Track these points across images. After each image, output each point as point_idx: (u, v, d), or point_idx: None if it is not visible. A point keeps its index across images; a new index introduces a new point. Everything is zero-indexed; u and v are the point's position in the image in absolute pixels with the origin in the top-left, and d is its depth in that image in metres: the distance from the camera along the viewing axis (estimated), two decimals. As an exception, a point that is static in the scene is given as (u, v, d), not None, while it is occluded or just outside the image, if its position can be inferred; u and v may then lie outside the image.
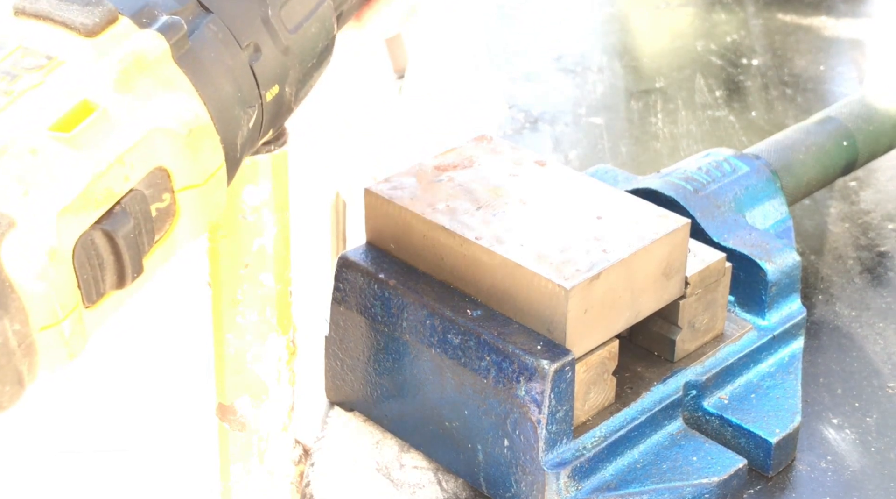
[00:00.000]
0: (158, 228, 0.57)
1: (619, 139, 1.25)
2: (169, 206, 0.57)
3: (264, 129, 0.64)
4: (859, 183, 1.16)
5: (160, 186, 0.56)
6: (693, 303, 0.82)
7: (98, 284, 0.54)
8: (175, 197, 0.57)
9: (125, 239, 0.54)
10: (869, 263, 1.04)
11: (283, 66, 0.63)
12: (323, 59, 0.67)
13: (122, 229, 0.54)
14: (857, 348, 0.94)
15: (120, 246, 0.54)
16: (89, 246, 0.53)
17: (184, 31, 0.58)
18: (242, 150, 0.62)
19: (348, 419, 0.86)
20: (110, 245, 0.54)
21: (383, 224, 0.83)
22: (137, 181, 0.55)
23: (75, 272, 0.53)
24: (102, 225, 0.53)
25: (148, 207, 0.55)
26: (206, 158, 0.58)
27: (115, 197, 0.54)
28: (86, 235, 0.53)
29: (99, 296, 0.55)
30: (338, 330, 0.84)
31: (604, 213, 0.80)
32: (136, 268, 0.56)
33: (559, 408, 0.74)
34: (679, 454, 0.79)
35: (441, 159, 0.86)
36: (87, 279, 0.53)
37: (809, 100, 1.32)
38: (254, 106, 0.61)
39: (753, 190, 0.94)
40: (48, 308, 0.51)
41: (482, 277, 0.78)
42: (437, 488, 0.81)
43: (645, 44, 1.48)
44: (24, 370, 0.51)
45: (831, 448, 0.84)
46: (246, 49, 0.61)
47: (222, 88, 0.59)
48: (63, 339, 0.53)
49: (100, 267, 0.54)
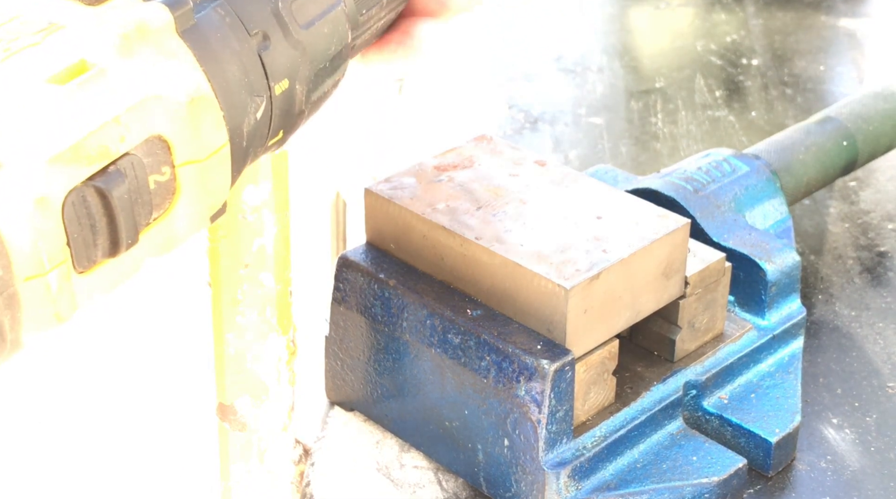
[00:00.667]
0: (157, 205, 0.56)
1: (619, 139, 1.25)
2: (168, 181, 0.56)
3: (274, 126, 0.63)
4: (859, 183, 1.16)
5: (159, 158, 0.56)
6: (693, 303, 0.82)
7: (89, 246, 0.53)
8: (175, 172, 0.56)
9: (119, 200, 0.54)
10: (869, 263, 1.04)
11: (294, 60, 0.63)
12: (335, 66, 0.67)
13: (116, 189, 0.53)
14: (856, 348, 0.94)
15: (114, 206, 0.53)
16: (80, 203, 0.52)
17: (189, 6, 0.58)
18: (250, 140, 0.61)
19: (348, 419, 0.86)
20: (103, 205, 0.53)
21: (383, 224, 0.83)
22: (134, 146, 0.54)
23: (65, 227, 0.52)
24: (95, 182, 0.53)
25: (146, 175, 0.55)
26: (207, 133, 0.58)
27: (110, 156, 0.53)
28: (77, 190, 0.52)
29: (91, 261, 0.54)
30: (338, 330, 0.84)
31: (604, 213, 0.80)
32: (130, 235, 0.55)
33: (559, 408, 0.74)
34: (679, 454, 0.79)
35: (441, 159, 0.86)
36: (77, 238, 0.53)
37: (809, 100, 1.32)
38: (262, 96, 0.61)
39: (753, 190, 0.94)
40: (33, 257, 0.51)
41: (482, 277, 0.78)
42: (437, 488, 0.81)
43: (645, 44, 1.48)
44: (6, 323, 0.51)
45: (831, 448, 0.84)
46: (254, 36, 0.61)
47: (228, 69, 0.59)
48: (49, 294, 0.52)
49: (92, 229, 0.53)
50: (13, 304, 0.51)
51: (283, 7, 0.63)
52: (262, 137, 0.63)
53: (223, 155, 0.59)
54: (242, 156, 0.62)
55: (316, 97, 0.66)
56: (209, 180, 0.59)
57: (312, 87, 0.65)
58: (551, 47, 1.45)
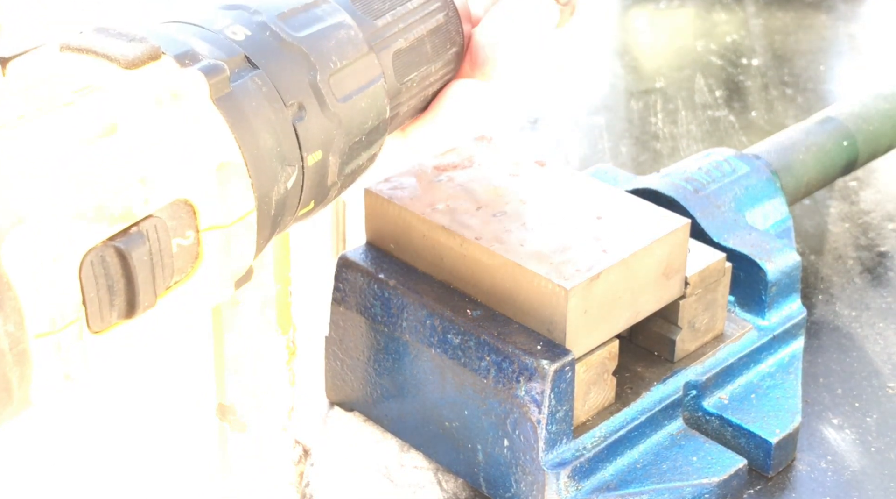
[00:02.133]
0: (179, 268, 0.56)
1: (619, 139, 1.25)
2: (192, 245, 0.56)
3: (304, 196, 0.63)
4: (859, 183, 1.16)
5: (184, 221, 0.55)
6: (693, 303, 0.82)
7: (105, 307, 0.53)
8: (199, 237, 0.56)
9: (139, 262, 0.53)
10: (869, 263, 1.04)
11: (329, 132, 0.63)
12: (372, 140, 0.66)
13: (136, 250, 0.53)
14: (857, 348, 0.94)
15: (132, 267, 0.53)
16: (99, 262, 0.52)
17: (226, 74, 0.58)
18: (279, 209, 0.61)
19: (348, 419, 0.86)
20: (122, 266, 0.53)
21: (383, 224, 0.83)
22: (159, 208, 0.54)
23: (81, 286, 0.52)
24: (116, 242, 0.52)
25: (169, 238, 0.55)
26: (234, 199, 0.57)
27: (133, 218, 0.53)
28: (97, 249, 0.52)
29: (105, 322, 0.53)
30: (338, 330, 0.84)
31: (604, 213, 0.80)
32: (148, 298, 0.54)
33: (559, 408, 0.74)
34: (679, 454, 0.79)
35: (441, 159, 0.86)
36: (93, 298, 0.52)
37: (809, 100, 1.32)
38: (294, 166, 0.61)
39: (753, 190, 0.94)
40: (45, 314, 0.50)
41: (482, 277, 0.78)
42: (437, 488, 0.81)
43: (645, 44, 1.48)
44: (15, 379, 0.50)
45: (831, 448, 0.84)
46: (290, 107, 0.61)
47: (260, 137, 0.59)
48: (60, 352, 0.51)
49: (109, 289, 0.53)
50: (23, 360, 0.50)
51: (322, 79, 0.63)
52: (292, 206, 0.63)
53: (249, 222, 0.59)
54: (270, 224, 0.61)
55: (350, 170, 0.66)
56: (233, 246, 0.58)
57: (347, 159, 0.65)
58: (551, 47, 1.44)
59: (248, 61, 0.61)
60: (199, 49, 0.59)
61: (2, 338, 0.49)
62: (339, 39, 0.64)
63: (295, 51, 0.62)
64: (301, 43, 0.63)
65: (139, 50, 0.56)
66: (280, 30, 0.62)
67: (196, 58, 0.58)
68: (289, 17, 0.63)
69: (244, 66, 0.60)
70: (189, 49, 0.59)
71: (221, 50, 0.60)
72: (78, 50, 0.56)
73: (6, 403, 0.51)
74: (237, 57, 0.60)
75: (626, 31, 1.51)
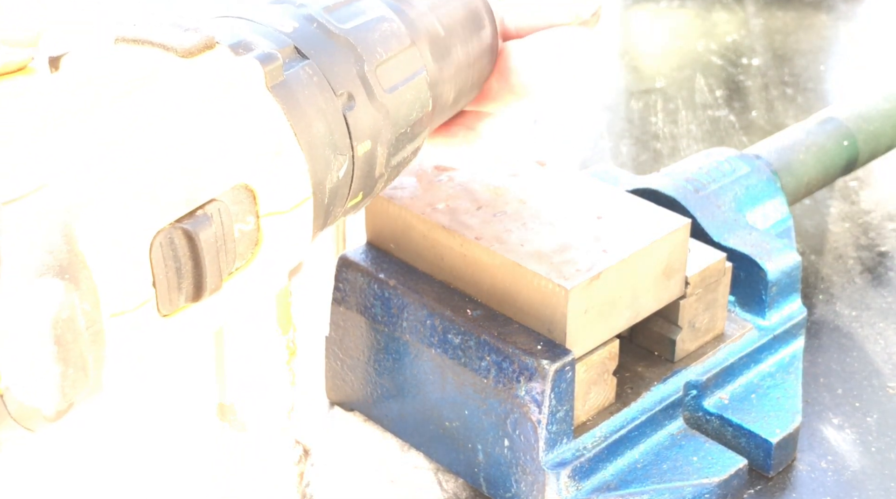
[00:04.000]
0: (240, 254, 0.57)
1: (619, 139, 1.25)
2: (252, 231, 0.57)
3: (354, 187, 0.64)
4: (860, 183, 1.16)
5: (244, 207, 0.56)
6: (693, 303, 0.82)
7: (173, 289, 0.54)
8: (259, 222, 0.57)
9: (206, 244, 0.54)
10: (869, 263, 1.04)
11: (377, 123, 0.64)
12: (416, 133, 0.68)
13: (203, 232, 0.54)
14: (857, 348, 0.94)
15: (200, 249, 0.54)
16: (168, 244, 0.53)
17: (279, 63, 0.59)
18: (331, 198, 0.62)
19: (348, 419, 0.86)
20: (190, 248, 0.54)
21: (383, 224, 0.83)
22: (221, 193, 0.55)
23: (151, 267, 0.53)
24: (183, 224, 0.53)
25: (231, 223, 0.56)
26: (292, 185, 0.58)
27: (197, 201, 0.54)
28: (165, 231, 0.53)
29: (174, 305, 0.54)
30: (338, 330, 0.84)
31: (604, 213, 0.80)
32: (214, 281, 0.55)
33: (559, 408, 0.74)
34: (679, 454, 0.79)
35: (441, 159, 0.86)
36: (162, 279, 0.53)
37: (809, 100, 1.32)
38: (345, 154, 0.62)
39: (754, 190, 0.94)
40: (119, 293, 0.51)
41: (482, 277, 0.78)
42: (437, 488, 0.81)
43: (645, 44, 1.48)
44: (91, 360, 0.51)
45: (832, 448, 0.84)
46: (340, 97, 0.62)
47: (313, 125, 0.60)
48: (132, 333, 0.52)
49: (177, 272, 0.54)
50: (98, 340, 0.51)
51: (369, 70, 0.64)
52: (342, 196, 0.64)
53: (306, 208, 0.60)
54: (323, 213, 0.62)
55: (396, 162, 0.67)
56: (291, 232, 0.59)
57: (393, 151, 0.66)
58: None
59: (297, 52, 0.62)
60: (251, 40, 0.60)
61: (78, 317, 0.50)
62: (382, 32, 0.66)
63: (342, 42, 0.63)
64: (347, 34, 0.64)
65: (195, 39, 0.57)
66: (327, 22, 0.64)
67: (249, 47, 0.59)
68: (334, 10, 0.65)
69: (294, 56, 0.61)
70: (242, 39, 0.60)
71: (271, 41, 0.61)
72: (133, 41, 0.57)
73: (82, 383, 0.51)
74: (287, 48, 0.61)
75: (626, 31, 1.51)
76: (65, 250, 0.50)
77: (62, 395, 0.52)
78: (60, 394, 0.52)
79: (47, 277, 0.49)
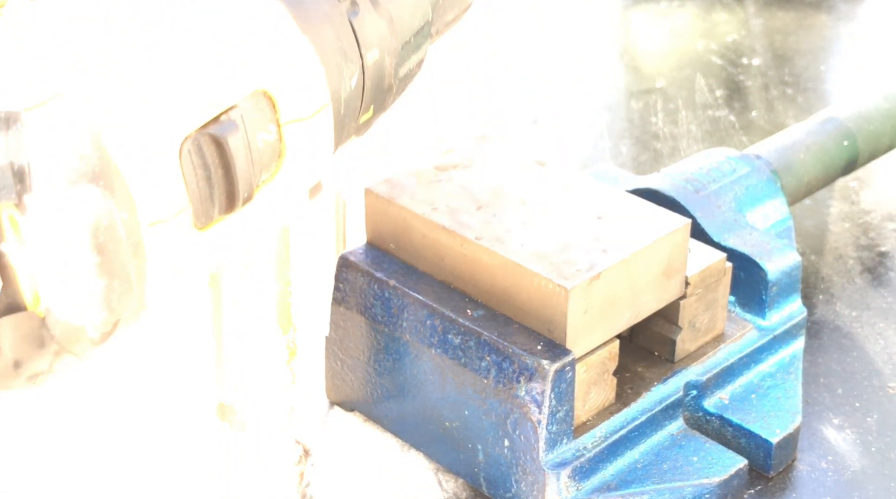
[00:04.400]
0: (266, 166, 0.58)
1: (619, 139, 1.25)
2: (275, 141, 0.58)
3: (366, 99, 0.65)
4: (860, 183, 1.16)
5: (265, 115, 0.57)
6: (693, 303, 0.82)
7: (206, 199, 0.54)
8: (281, 132, 0.58)
9: (234, 149, 0.55)
10: (869, 263, 1.04)
11: (381, 30, 0.65)
12: (419, 43, 0.69)
13: (231, 137, 0.54)
14: (857, 348, 0.94)
15: (230, 156, 0.54)
16: (196, 153, 0.54)
17: None
18: (346, 109, 0.63)
19: (348, 419, 0.86)
20: (219, 155, 0.54)
21: (383, 224, 0.83)
22: (241, 98, 0.56)
23: (183, 175, 0.53)
24: (209, 130, 0.54)
25: (255, 131, 0.56)
26: (310, 90, 0.59)
27: (220, 106, 0.55)
28: (192, 139, 0.53)
29: (208, 217, 0.55)
30: (338, 330, 0.84)
31: (604, 213, 0.80)
32: (246, 189, 0.56)
33: (559, 408, 0.74)
34: (679, 454, 0.79)
35: (441, 159, 0.86)
36: (194, 189, 0.54)
37: (809, 100, 1.32)
38: (355, 63, 0.63)
39: (754, 190, 0.94)
40: (154, 201, 0.52)
41: (482, 277, 0.77)
42: (437, 488, 0.81)
43: (645, 44, 1.48)
44: (133, 271, 0.51)
45: (832, 448, 0.84)
46: (343, 2, 0.63)
47: (322, 30, 0.61)
48: (171, 242, 0.53)
49: (208, 181, 0.54)
50: (139, 252, 0.52)
51: None
52: (355, 109, 0.64)
53: (325, 115, 0.60)
54: (340, 125, 0.63)
55: (403, 73, 0.68)
56: (313, 141, 0.60)
57: (400, 61, 0.67)
58: (551, 47, 1.45)
59: None
60: None
61: (118, 226, 0.51)
62: None
63: None
64: None
65: None
66: None
67: None
68: None
69: None
70: None
71: None
72: None
73: (127, 296, 0.52)
74: None
75: (626, 32, 1.51)
76: (95, 156, 0.50)
77: (108, 309, 0.51)
78: (106, 308, 0.51)
79: (82, 185, 0.49)
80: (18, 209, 0.50)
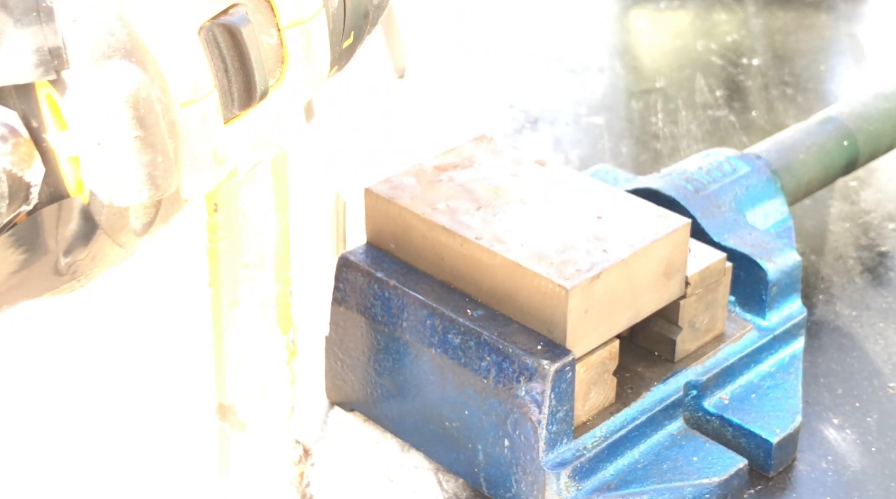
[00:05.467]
0: (271, 71, 0.59)
1: (619, 139, 1.25)
2: (277, 45, 0.59)
3: (347, 22, 0.66)
4: (860, 183, 1.16)
5: (266, 17, 0.58)
6: (693, 303, 0.82)
7: (225, 92, 0.56)
8: (282, 37, 0.59)
9: (249, 40, 0.56)
10: (869, 263, 1.04)
11: None
12: None
13: (244, 27, 0.56)
14: (857, 348, 0.94)
15: (243, 44, 0.56)
16: (213, 42, 0.55)
17: None
18: (333, 27, 0.64)
19: (348, 419, 0.86)
20: (234, 45, 0.56)
21: (383, 224, 0.83)
22: None
23: (207, 55, 0.55)
24: (221, 20, 0.55)
25: (259, 31, 0.58)
26: None
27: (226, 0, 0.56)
28: (207, 27, 0.55)
29: (229, 111, 0.56)
30: (338, 330, 0.84)
31: (604, 213, 0.80)
32: (262, 82, 0.57)
33: (559, 408, 0.74)
34: (679, 454, 0.79)
35: (441, 159, 0.86)
36: (216, 72, 0.55)
37: (809, 100, 1.32)
38: None
39: (754, 190, 0.94)
40: (183, 80, 0.53)
41: (482, 277, 0.77)
42: (437, 489, 0.81)
43: (645, 44, 1.48)
44: (172, 150, 0.52)
45: (832, 448, 0.84)
46: None
47: None
48: (204, 124, 0.54)
49: (226, 73, 0.56)
50: (174, 132, 0.53)
51: None
52: (339, 30, 0.65)
53: (321, 19, 0.62)
54: (330, 41, 0.64)
55: (377, 2, 0.69)
56: (312, 45, 0.61)
57: None
58: (552, 47, 1.45)
59: None
60: None
61: (154, 100, 0.52)
62: None
63: None
64: None
65: None
66: None
67: None
68: None
69: None
70: None
71: None
72: None
73: (170, 170, 0.52)
74: None
75: (626, 32, 1.51)
76: (125, 33, 0.51)
77: (153, 185, 0.52)
78: (151, 184, 0.52)
79: (116, 59, 0.51)
80: (56, 88, 0.51)
